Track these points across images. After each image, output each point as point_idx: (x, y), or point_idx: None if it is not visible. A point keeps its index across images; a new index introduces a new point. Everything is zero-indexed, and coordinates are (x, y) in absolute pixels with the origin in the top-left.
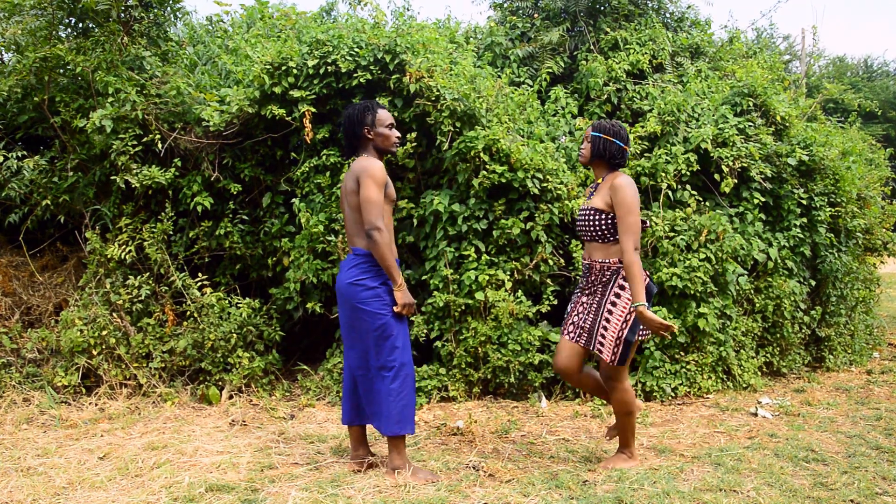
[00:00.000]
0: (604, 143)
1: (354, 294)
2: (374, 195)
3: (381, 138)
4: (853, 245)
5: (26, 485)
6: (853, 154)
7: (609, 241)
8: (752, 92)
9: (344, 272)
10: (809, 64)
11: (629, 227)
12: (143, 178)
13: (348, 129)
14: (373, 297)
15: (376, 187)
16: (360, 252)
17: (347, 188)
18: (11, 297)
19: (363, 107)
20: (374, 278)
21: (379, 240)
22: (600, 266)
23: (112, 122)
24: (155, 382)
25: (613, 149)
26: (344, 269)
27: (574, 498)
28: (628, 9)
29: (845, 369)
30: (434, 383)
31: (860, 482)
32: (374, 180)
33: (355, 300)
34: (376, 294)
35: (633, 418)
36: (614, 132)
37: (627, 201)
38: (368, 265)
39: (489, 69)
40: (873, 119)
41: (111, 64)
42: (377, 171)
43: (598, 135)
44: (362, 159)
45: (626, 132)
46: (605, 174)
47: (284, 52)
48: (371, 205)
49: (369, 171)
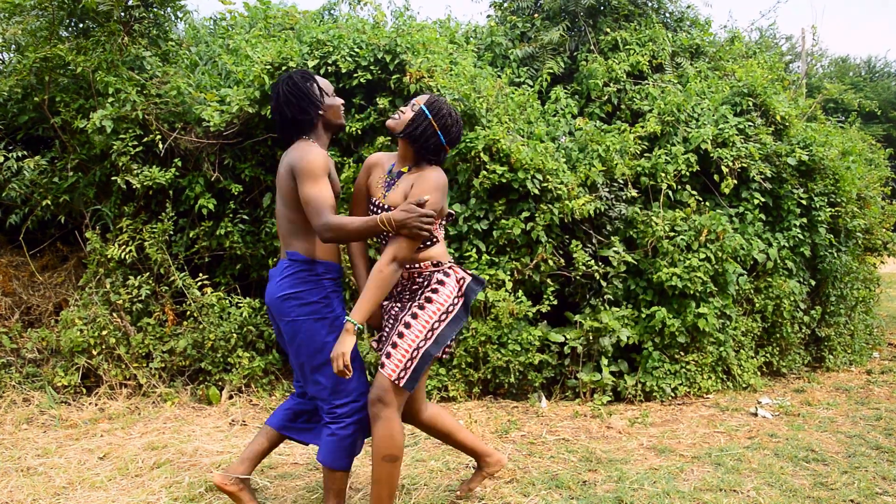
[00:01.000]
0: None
1: (288, 311)
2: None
3: (333, 110)
4: (853, 245)
5: (26, 485)
6: (853, 154)
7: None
8: (751, 92)
9: (274, 283)
10: (811, 64)
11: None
12: (144, 179)
13: (293, 111)
14: (312, 315)
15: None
16: (297, 257)
17: (282, 180)
18: (11, 297)
19: (301, 77)
20: (313, 291)
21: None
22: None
23: (112, 123)
24: (155, 382)
25: (431, 140)
26: (274, 280)
27: (574, 498)
28: (628, 9)
29: (845, 369)
30: (434, 383)
31: (860, 482)
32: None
33: (288, 317)
34: (316, 311)
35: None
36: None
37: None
38: (308, 274)
39: (489, 69)
40: (873, 119)
41: (111, 64)
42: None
43: (427, 114)
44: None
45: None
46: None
47: (285, 53)
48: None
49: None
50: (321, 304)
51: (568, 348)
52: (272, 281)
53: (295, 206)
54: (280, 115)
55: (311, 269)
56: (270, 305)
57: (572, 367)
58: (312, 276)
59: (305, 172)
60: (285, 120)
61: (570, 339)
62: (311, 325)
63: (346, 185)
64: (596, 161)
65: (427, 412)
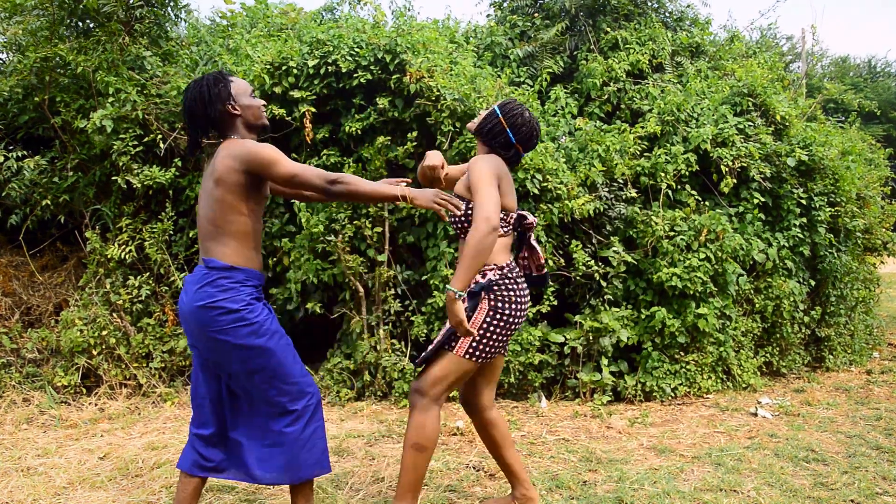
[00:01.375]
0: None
1: (209, 321)
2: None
3: (250, 110)
4: (853, 245)
5: (26, 485)
6: (853, 154)
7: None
8: (751, 92)
9: (191, 291)
10: (811, 64)
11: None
12: (144, 179)
13: (198, 112)
14: (237, 324)
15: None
16: (216, 265)
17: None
18: (11, 297)
19: (213, 79)
20: (235, 298)
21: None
22: None
23: (112, 123)
24: (155, 382)
25: (500, 138)
26: (190, 288)
27: (574, 498)
28: (628, 8)
29: (845, 369)
30: None
31: (860, 482)
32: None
33: (211, 329)
34: (241, 318)
35: (424, 459)
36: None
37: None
38: (228, 281)
39: (489, 69)
40: (873, 119)
41: (112, 64)
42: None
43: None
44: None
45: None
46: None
47: (285, 52)
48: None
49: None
50: (245, 311)
51: (568, 348)
52: (187, 289)
53: (219, 206)
54: (187, 119)
55: (230, 276)
56: (187, 316)
57: (572, 368)
58: (233, 282)
59: (272, 158)
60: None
61: (570, 340)
62: (237, 332)
63: None
64: (596, 161)
65: (491, 413)
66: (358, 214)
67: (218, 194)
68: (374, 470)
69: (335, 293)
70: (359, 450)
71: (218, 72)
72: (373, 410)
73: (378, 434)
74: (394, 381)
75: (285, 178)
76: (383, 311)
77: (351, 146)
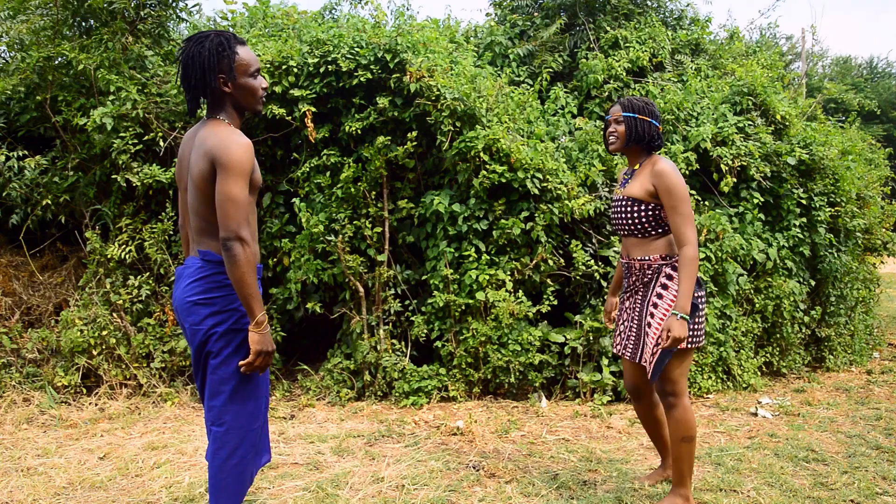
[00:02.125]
0: (640, 125)
1: (199, 318)
2: (239, 192)
3: (244, 92)
4: (853, 245)
5: (26, 485)
6: (853, 154)
7: (650, 236)
8: (751, 91)
9: (183, 284)
10: (811, 64)
11: (687, 217)
12: (144, 177)
13: (193, 76)
14: (226, 325)
15: (242, 180)
16: (213, 258)
17: (195, 170)
18: (11, 297)
19: (216, 44)
20: (230, 297)
21: (240, 254)
22: (640, 264)
23: (112, 120)
24: (155, 382)
25: (652, 130)
26: (183, 280)
27: (574, 498)
28: (628, 7)
29: (845, 369)
30: (434, 383)
31: (860, 482)
32: (238, 171)
33: (199, 326)
34: (232, 320)
35: (693, 446)
36: (649, 111)
37: (678, 188)
38: (224, 276)
39: (489, 68)
40: (874, 119)
41: (113, 62)
42: (242, 156)
43: (633, 115)
44: (218, 129)
45: (657, 108)
46: (643, 159)
47: (285, 52)
48: (232, 205)
49: (230, 157)
50: (240, 314)
51: (568, 348)
52: (180, 282)
53: (204, 199)
54: (182, 77)
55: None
56: (178, 309)
57: (572, 367)
58: (228, 279)
59: (230, 168)
60: (188, 84)
61: (571, 340)
62: (225, 335)
63: (346, 185)
64: (596, 161)
65: (655, 395)
66: (358, 215)
67: (203, 188)
68: (374, 470)
69: (335, 293)
70: (359, 450)
71: (226, 35)
72: (373, 410)
73: (378, 434)
74: (394, 381)
75: (219, 192)
76: (383, 311)
77: (351, 146)
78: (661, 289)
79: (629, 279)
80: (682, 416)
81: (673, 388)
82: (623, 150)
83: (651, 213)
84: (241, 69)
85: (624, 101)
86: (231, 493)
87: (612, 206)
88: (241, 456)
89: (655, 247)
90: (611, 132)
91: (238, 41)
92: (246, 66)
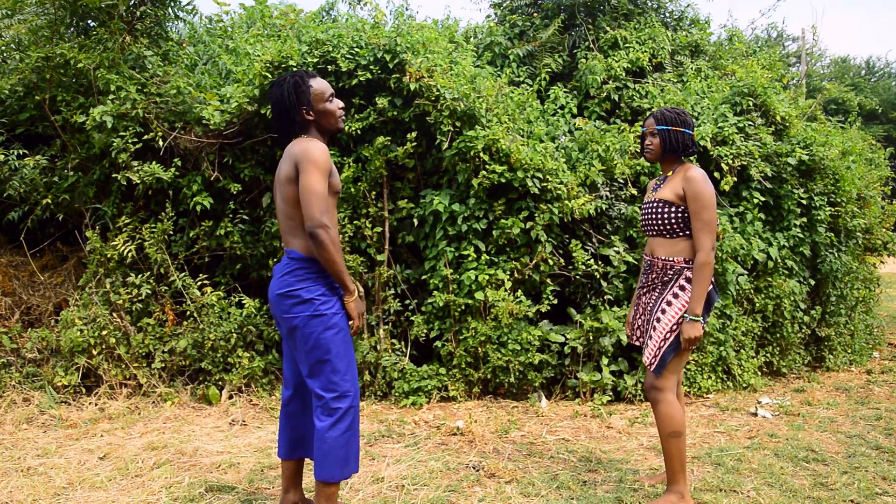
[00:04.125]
0: (674, 136)
1: (286, 307)
2: (318, 185)
3: (324, 116)
4: (853, 245)
5: (26, 485)
6: (853, 154)
7: (676, 237)
8: (751, 91)
9: (275, 279)
10: (811, 65)
11: (707, 224)
12: (144, 175)
13: (281, 115)
14: (308, 312)
15: (320, 175)
16: (295, 255)
17: (282, 176)
18: (11, 297)
19: (293, 84)
20: (311, 288)
21: (325, 239)
22: (662, 263)
23: (112, 119)
24: (155, 382)
25: (686, 139)
26: (276, 277)
27: (574, 498)
28: (628, 8)
29: (845, 369)
30: (434, 383)
31: (860, 482)
32: (316, 167)
33: (287, 314)
34: (313, 308)
35: (682, 442)
36: (682, 121)
37: (705, 195)
38: (306, 272)
39: (489, 69)
40: (874, 119)
41: (113, 62)
42: (320, 156)
43: (666, 127)
44: (302, 141)
45: (689, 116)
46: (676, 166)
47: (284, 52)
48: (314, 196)
49: (310, 156)
50: (319, 301)
51: (568, 348)
52: (274, 278)
53: (295, 203)
54: (274, 119)
55: (307, 266)
56: (271, 302)
57: (572, 367)
58: (311, 273)
59: (310, 164)
60: (278, 123)
61: (571, 339)
62: (308, 322)
63: (346, 185)
64: (596, 161)
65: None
66: (358, 214)
67: (288, 191)
68: (374, 470)
69: None
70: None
71: (299, 74)
72: (373, 410)
73: (378, 434)
74: (394, 381)
75: (302, 186)
76: (383, 311)
77: (351, 146)
78: (678, 289)
79: (648, 276)
80: (666, 411)
81: (662, 382)
82: (659, 160)
83: (680, 215)
84: (318, 98)
85: (657, 114)
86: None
87: (643, 209)
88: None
89: (680, 249)
90: (647, 144)
91: (310, 76)
92: (321, 94)
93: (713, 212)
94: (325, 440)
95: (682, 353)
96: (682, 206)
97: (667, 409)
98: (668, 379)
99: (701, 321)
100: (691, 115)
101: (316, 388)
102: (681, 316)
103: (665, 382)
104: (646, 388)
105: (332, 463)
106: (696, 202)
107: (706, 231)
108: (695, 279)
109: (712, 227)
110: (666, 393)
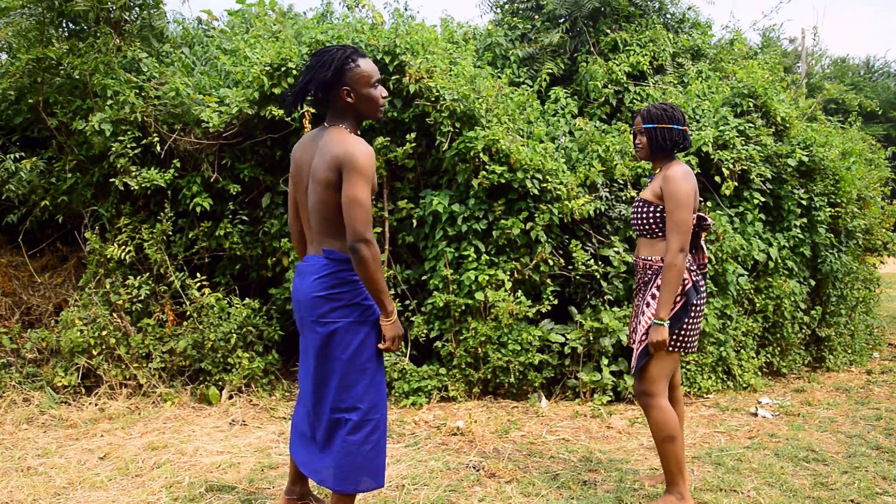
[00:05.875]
0: (661, 133)
1: (324, 311)
2: (365, 197)
3: (366, 102)
4: (853, 245)
5: (26, 485)
6: (853, 154)
7: (656, 237)
8: (752, 93)
9: (309, 280)
10: (811, 65)
11: (678, 224)
12: (142, 181)
13: (316, 91)
14: (351, 318)
15: (366, 186)
16: (337, 256)
17: (321, 174)
18: (11, 297)
19: (341, 58)
20: (355, 292)
21: (368, 256)
22: (643, 264)
23: (111, 126)
24: (155, 382)
25: (674, 135)
26: (308, 276)
27: (574, 498)
28: (629, 10)
29: (845, 369)
30: (434, 383)
31: (860, 482)
32: (363, 176)
33: (325, 318)
34: (357, 313)
35: (676, 445)
36: (669, 117)
37: (680, 194)
38: (347, 273)
39: (489, 69)
40: (874, 119)
41: (108, 66)
42: (367, 164)
43: (652, 126)
44: (342, 135)
45: (679, 111)
46: (665, 163)
47: (284, 53)
48: (360, 209)
49: (357, 163)
50: (363, 308)
51: (568, 348)
52: (304, 278)
53: (335, 208)
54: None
55: (350, 268)
56: (301, 304)
57: (572, 367)
58: (353, 275)
59: (357, 173)
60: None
61: (571, 340)
62: (350, 328)
63: None
64: (596, 161)
65: (677, 392)
66: None
67: (327, 196)
68: None
69: None
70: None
71: (350, 48)
72: None
73: None
74: (394, 381)
75: (346, 195)
76: None
77: None
78: (656, 289)
79: (637, 277)
80: (658, 417)
81: (650, 387)
82: (650, 158)
83: (658, 215)
84: (364, 81)
85: (644, 112)
86: (371, 469)
87: (632, 208)
88: (380, 435)
89: (659, 248)
90: (636, 143)
91: (360, 54)
92: (368, 78)
93: (687, 212)
94: (344, 448)
95: (664, 358)
96: (660, 206)
97: (658, 414)
98: (655, 384)
99: (665, 325)
100: (692, 117)
101: (342, 399)
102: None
103: (653, 387)
104: (635, 394)
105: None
106: (671, 201)
107: (675, 232)
108: (662, 282)
109: (683, 228)
110: (656, 398)
